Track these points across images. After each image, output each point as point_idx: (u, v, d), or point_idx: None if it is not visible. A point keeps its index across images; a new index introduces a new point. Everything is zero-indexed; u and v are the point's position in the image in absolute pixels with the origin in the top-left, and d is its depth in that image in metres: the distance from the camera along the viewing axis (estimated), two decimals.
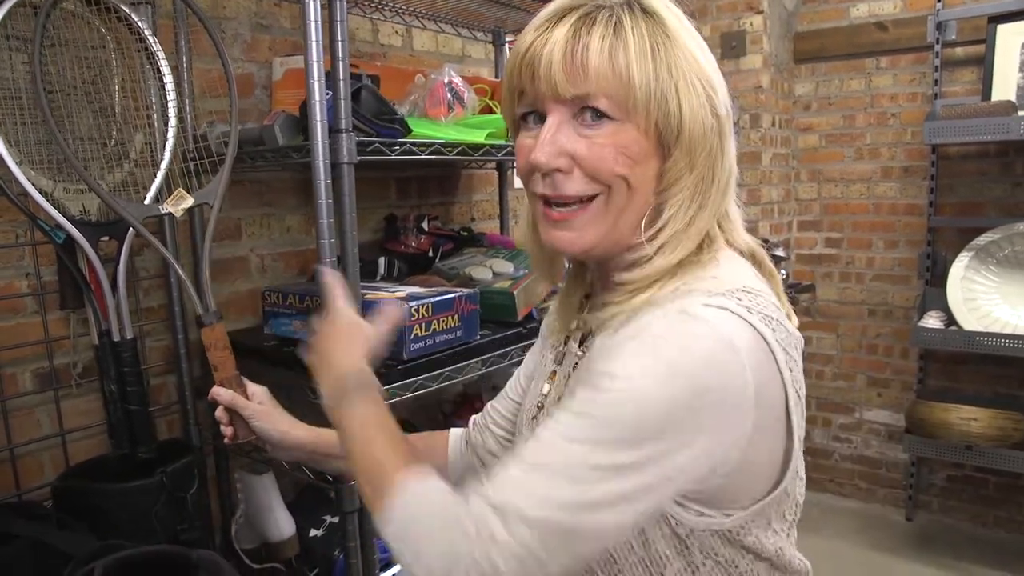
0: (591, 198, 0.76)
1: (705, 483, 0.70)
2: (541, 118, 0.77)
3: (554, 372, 0.94)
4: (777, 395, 0.72)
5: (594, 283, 0.90)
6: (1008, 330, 2.89)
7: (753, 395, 0.68)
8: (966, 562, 3.04)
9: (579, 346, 0.89)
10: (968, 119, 2.83)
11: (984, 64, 3.06)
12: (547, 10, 0.77)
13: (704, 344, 0.67)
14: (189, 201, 1.34)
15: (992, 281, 3.02)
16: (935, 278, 3.23)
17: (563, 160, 0.74)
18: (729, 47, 3.37)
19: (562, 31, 0.73)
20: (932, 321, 3.05)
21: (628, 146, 0.74)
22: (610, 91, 0.72)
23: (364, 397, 0.85)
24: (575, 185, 0.75)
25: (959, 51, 3.20)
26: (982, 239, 3.00)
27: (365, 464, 0.79)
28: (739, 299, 0.71)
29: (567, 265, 0.95)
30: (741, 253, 0.81)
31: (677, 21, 0.76)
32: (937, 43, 3.14)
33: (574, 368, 0.88)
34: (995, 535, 3.28)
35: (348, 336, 0.94)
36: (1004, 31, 3.01)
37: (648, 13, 0.75)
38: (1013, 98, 2.96)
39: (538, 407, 0.94)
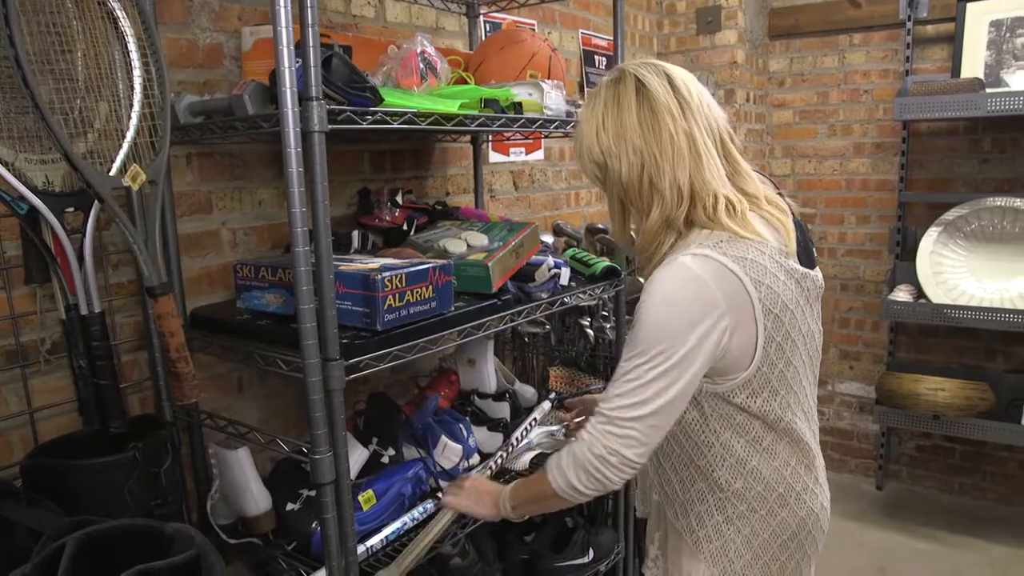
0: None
1: (711, 363, 1.17)
2: None
3: None
4: (745, 304, 1.15)
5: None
6: (974, 303, 2.95)
7: (724, 304, 1.14)
8: (933, 528, 3.12)
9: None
10: (937, 96, 2.86)
11: (954, 42, 3.09)
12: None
13: (682, 277, 1.15)
14: (143, 176, 1.34)
15: (960, 255, 3.07)
16: (905, 252, 3.27)
17: None
18: (704, 22, 3.37)
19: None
20: (902, 294, 3.09)
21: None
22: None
23: (506, 494, 1.43)
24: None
25: (930, 29, 3.23)
26: (950, 214, 3.05)
27: (539, 505, 1.41)
28: (717, 247, 1.16)
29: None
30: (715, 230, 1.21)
31: (587, 101, 1.30)
32: (909, 20, 3.17)
33: None
34: (961, 502, 3.36)
35: (473, 481, 1.56)
36: (973, 9, 3.04)
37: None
38: (981, 75, 2.99)
39: None
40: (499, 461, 1.83)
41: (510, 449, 1.87)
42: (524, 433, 1.94)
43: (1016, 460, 3.24)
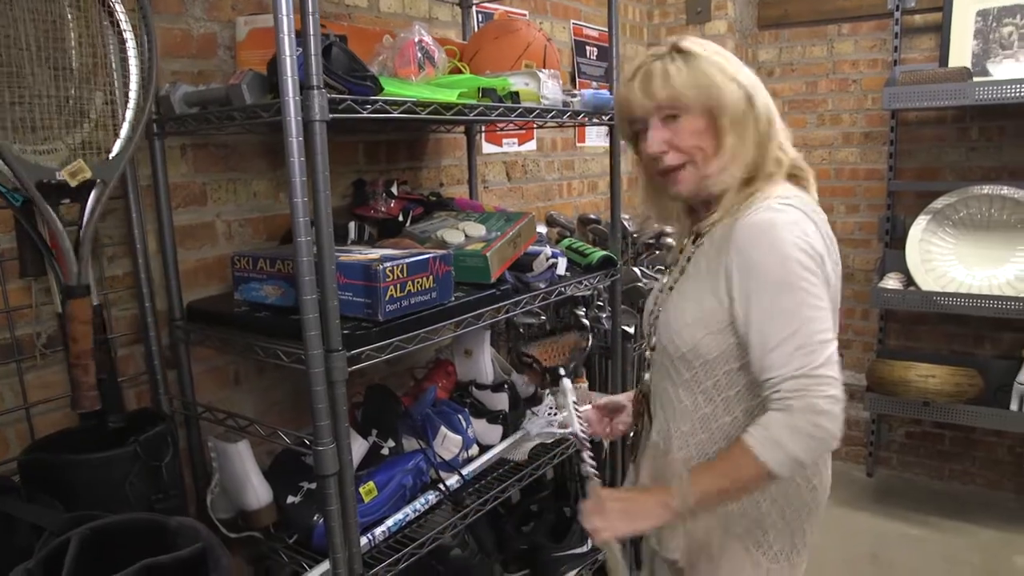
0: (684, 164, 1.27)
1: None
2: (645, 129, 1.28)
3: (671, 270, 1.42)
4: (822, 247, 1.19)
5: (699, 211, 1.35)
6: (963, 290, 2.97)
7: (814, 233, 1.19)
8: (924, 514, 3.15)
9: (692, 244, 1.34)
10: (925, 85, 2.88)
11: (941, 31, 3.10)
12: (628, 71, 1.30)
13: (793, 216, 1.18)
14: (87, 173, 1.29)
15: (948, 243, 3.09)
16: (894, 241, 3.29)
17: (664, 145, 1.26)
18: (694, 12, 3.37)
19: (638, 80, 1.27)
20: (892, 282, 3.11)
21: (694, 128, 1.24)
22: (672, 97, 1.23)
23: (687, 487, 1.20)
24: (672, 159, 1.27)
25: (918, 18, 3.25)
26: (939, 202, 3.07)
27: (740, 492, 1.22)
28: (794, 202, 1.21)
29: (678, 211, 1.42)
30: (788, 177, 1.29)
31: (701, 48, 1.26)
32: (897, 10, 3.18)
33: (688, 260, 1.33)
34: (951, 487, 3.39)
35: (615, 500, 1.28)
36: None
37: (682, 52, 1.25)
38: (968, 64, 3.01)
39: (659, 291, 1.44)
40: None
41: (580, 435, 1.58)
42: (573, 419, 1.62)
43: (1004, 445, 3.28)
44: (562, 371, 2.02)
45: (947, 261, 3.08)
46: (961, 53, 3.07)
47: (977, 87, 2.78)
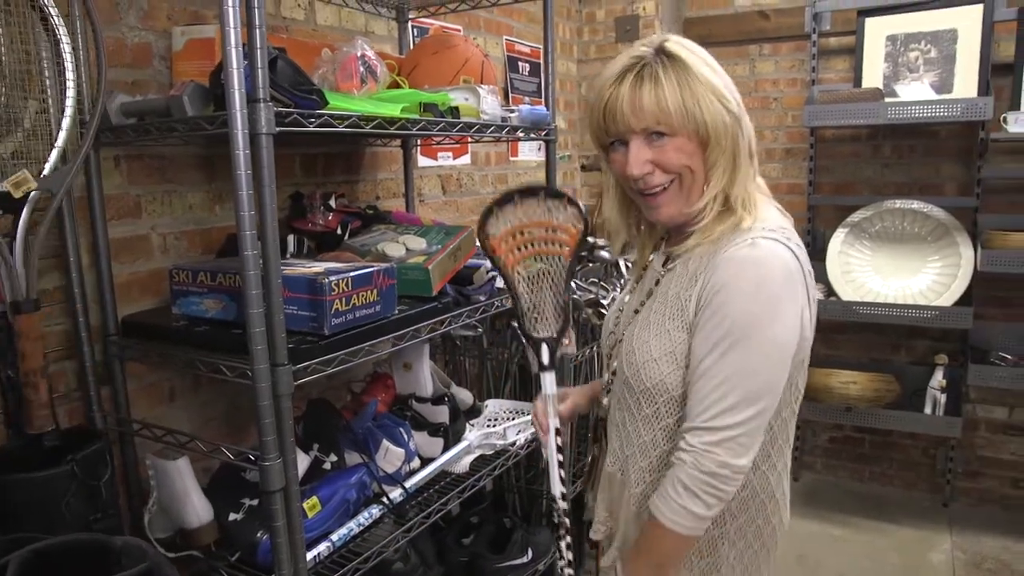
0: (668, 184, 1.16)
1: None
2: (623, 143, 1.16)
3: (634, 288, 1.35)
4: (803, 292, 1.13)
5: (670, 233, 1.29)
6: (880, 299, 3.12)
7: (800, 278, 1.12)
8: (847, 515, 3.28)
9: (663, 266, 1.26)
10: (841, 104, 3.02)
11: (855, 53, 3.26)
12: (612, 70, 1.16)
13: (774, 255, 1.10)
14: (31, 185, 1.27)
15: (866, 255, 3.24)
16: (816, 252, 3.43)
17: (648, 166, 1.14)
18: (623, 31, 3.46)
19: (624, 88, 1.13)
20: None
21: (682, 147, 1.13)
22: (661, 120, 1.11)
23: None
24: (658, 179, 1.15)
25: (833, 41, 3.40)
26: (856, 216, 3.22)
27: (668, 558, 1.18)
28: (782, 232, 1.13)
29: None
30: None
31: (692, 55, 1.14)
32: (814, 32, 3.33)
33: (657, 283, 1.25)
34: (871, 488, 3.54)
35: None
36: (871, 24, 3.22)
37: (672, 57, 1.12)
38: (880, 85, 3.17)
39: (620, 310, 1.35)
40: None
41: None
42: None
43: (919, 447, 3.44)
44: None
45: (864, 272, 3.23)
46: (873, 75, 3.23)
47: (889, 107, 2.94)
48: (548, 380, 1.32)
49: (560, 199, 1.29)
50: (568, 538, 1.31)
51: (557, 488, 1.31)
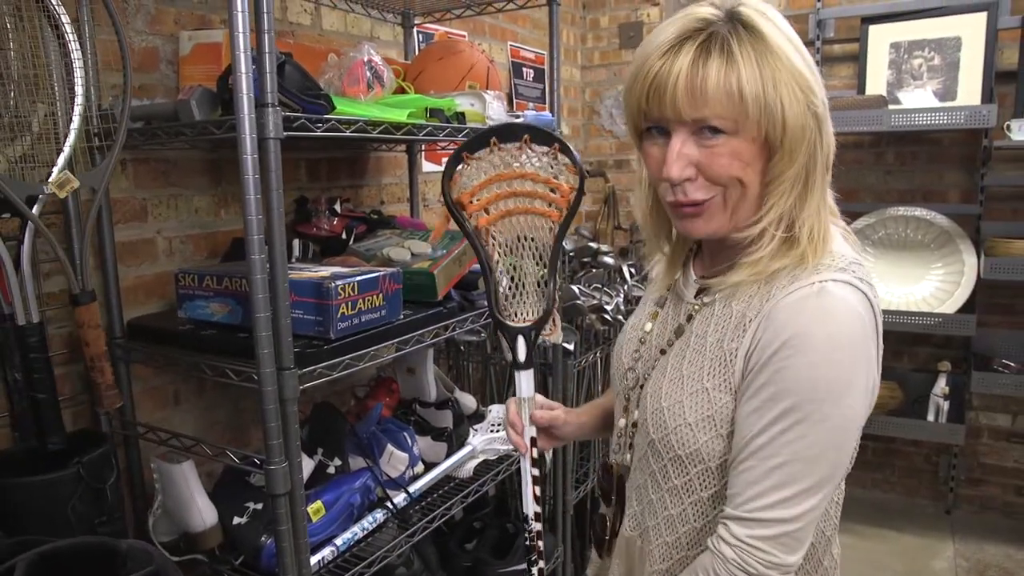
0: (708, 199, 0.89)
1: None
2: (663, 131, 0.89)
3: (655, 312, 1.09)
4: (875, 349, 0.88)
5: (703, 248, 1.05)
6: (883, 306, 3.11)
7: (873, 334, 0.87)
8: (851, 522, 3.27)
9: (695, 296, 1.02)
10: (845, 111, 3.02)
11: (858, 61, 3.27)
12: (665, 35, 0.87)
13: (845, 310, 0.85)
14: (74, 184, 1.30)
15: (869, 262, 3.24)
16: None
17: (690, 170, 0.87)
18: (627, 37, 3.47)
19: (683, 61, 0.84)
20: None
21: (741, 153, 0.86)
22: (725, 112, 0.84)
23: None
24: (699, 192, 0.88)
25: (836, 48, 3.41)
26: (859, 223, 3.22)
27: None
28: (854, 272, 0.88)
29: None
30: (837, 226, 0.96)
31: (775, 30, 0.86)
32: (818, 39, 3.33)
33: (688, 318, 1.01)
34: (874, 495, 3.54)
35: None
36: (875, 31, 3.23)
37: (749, 29, 0.85)
38: (883, 92, 3.18)
39: (640, 342, 1.09)
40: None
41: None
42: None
43: (921, 454, 3.44)
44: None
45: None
46: (877, 82, 3.24)
47: (892, 114, 2.94)
48: (524, 380, 1.07)
49: (550, 144, 0.98)
50: (542, 563, 1.10)
51: (531, 508, 1.08)
